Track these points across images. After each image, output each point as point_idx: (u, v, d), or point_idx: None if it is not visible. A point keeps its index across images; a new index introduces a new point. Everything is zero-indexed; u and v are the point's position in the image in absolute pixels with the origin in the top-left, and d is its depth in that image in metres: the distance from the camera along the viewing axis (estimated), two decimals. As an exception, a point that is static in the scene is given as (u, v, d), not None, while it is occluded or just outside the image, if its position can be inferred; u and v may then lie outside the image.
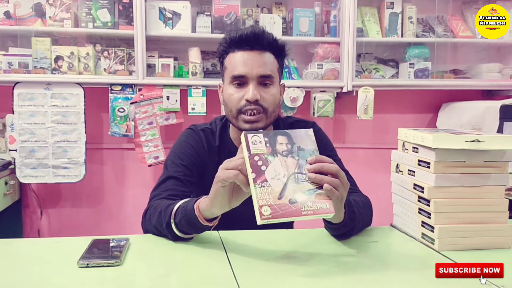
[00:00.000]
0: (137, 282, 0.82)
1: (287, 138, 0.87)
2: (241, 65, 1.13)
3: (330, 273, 0.85)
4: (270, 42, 1.14)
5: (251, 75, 1.12)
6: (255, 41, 1.13)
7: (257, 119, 1.13)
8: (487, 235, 0.98)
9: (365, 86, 2.46)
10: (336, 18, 2.52)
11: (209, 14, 2.41)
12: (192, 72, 2.39)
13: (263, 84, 1.14)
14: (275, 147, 0.86)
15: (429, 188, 0.98)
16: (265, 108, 1.13)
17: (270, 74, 1.14)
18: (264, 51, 1.14)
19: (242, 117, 1.13)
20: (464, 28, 2.61)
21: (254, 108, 1.12)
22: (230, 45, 1.15)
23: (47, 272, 0.84)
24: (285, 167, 0.85)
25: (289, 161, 0.86)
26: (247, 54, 1.13)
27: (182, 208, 0.97)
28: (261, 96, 1.12)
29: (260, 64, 1.13)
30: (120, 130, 2.39)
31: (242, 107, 1.13)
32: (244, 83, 1.14)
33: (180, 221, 0.96)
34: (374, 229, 1.13)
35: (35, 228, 2.57)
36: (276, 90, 1.16)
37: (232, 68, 1.14)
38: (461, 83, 2.59)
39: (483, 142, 0.95)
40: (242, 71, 1.12)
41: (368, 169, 2.68)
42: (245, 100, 1.12)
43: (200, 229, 0.96)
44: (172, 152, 1.23)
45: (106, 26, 2.34)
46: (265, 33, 1.14)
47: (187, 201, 0.99)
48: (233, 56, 1.15)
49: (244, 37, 1.13)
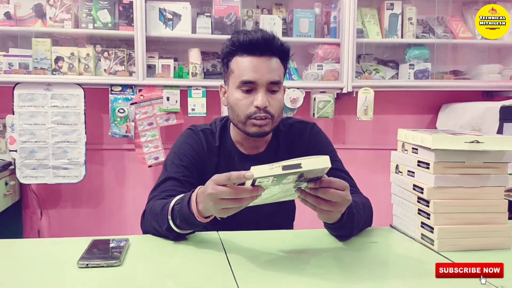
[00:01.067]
0: (137, 282, 0.82)
1: (298, 176, 0.79)
2: (251, 70, 1.12)
3: (329, 274, 0.85)
4: (278, 47, 1.14)
5: (261, 81, 1.12)
6: (265, 46, 1.12)
7: (265, 123, 1.14)
8: (487, 236, 0.98)
9: (365, 87, 2.46)
10: (336, 19, 2.52)
11: (209, 15, 2.41)
12: (192, 73, 2.39)
13: (271, 90, 1.14)
14: (281, 181, 0.80)
15: (429, 189, 0.98)
16: (272, 115, 1.14)
17: (279, 80, 1.14)
18: (272, 57, 1.14)
19: (250, 121, 1.14)
20: (464, 29, 2.62)
21: (263, 116, 1.13)
22: (238, 49, 1.14)
23: (47, 273, 0.84)
24: (282, 188, 0.84)
25: (288, 186, 0.84)
26: (257, 60, 1.12)
27: (178, 212, 0.96)
28: (269, 103, 1.13)
29: (269, 70, 1.12)
30: (120, 131, 2.39)
31: (252, 113, 1.13)
32: (253, 89, 1.13)
33: (181, 224, 0.97)
34: (373, 230, 1.13)
35: (35, 228, 2.57)
36: (281, 96, 1.17)
37: (240, 73, 1.13)
38: (461, 84, 2.59)
39: (482, 143, 0.95)
40: (252, 77, 1.12)
41: (368, 170, 2.68)
42: (255, 107, 1.12)
43: (201, 225, 0.97)
44: (172, 152, 1.23)
45: (106, 27, 2.34)
46: (275, 39, 1.13)
47: (180, 201, 0.97)
48: (241, 60, 1.13)
49: (254, 42, 1.11)
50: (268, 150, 1.25)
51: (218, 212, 0.87)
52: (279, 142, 1.26)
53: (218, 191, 0.82)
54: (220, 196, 0.82)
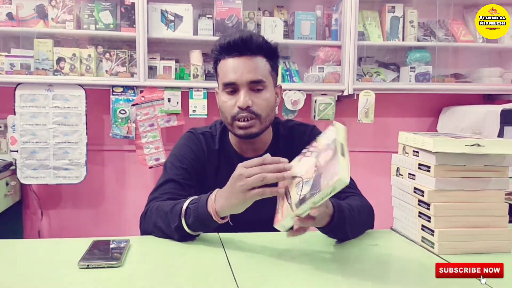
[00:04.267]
0: (138, 283, 0.82)
1: None
2: (231, 72, 1.12)
3: (330, 276, 0.85)
4: (259, 45, 1.13)
5: (241, 81, 1.11)
6: (243, 46, 1.11)
7: (250, 124, 1.13)
8: (487, 239, 0.98)
9: (366, 90, 2.46)
10: (337, 22, 2.52)
11: (210, 17, 2.42)
12: (193, 74, 2.40)
13: (255, 89, 1.13)
14: None
15: (429, 192, 0.98)
16: (258, 114, 1.13)
17: (260, 79, 1.12)
18: (254, 56, 1.12)
19: (236, 123, 1.14)
20: (465, 32, 2.62)
21: (246, 116, 1.12)
22: (221, 52, 1.15)
23: (48, 273, 0.84)
24: None
25: None
26: (237, 60, 1.12)
27: (193, 211, 0.97)
28: (253, 101, 1.12)
29: (249, 70, 1.11)
30: (121, 132, 2.40)
31: (235, 114, 1.13)
32: (236, 90, 1.13)
33: (194, 223, 0.98)
34: (374, 233, 1.13)
35: (35, 229, 2.57)
36: (269, 95, 1.15)
37: (223, 76, 1.14)
38: (462, 87, 2.59)
39: (483, 146, 0.95)
40: (232, 78, 1.12)
41: (369, 173, 2.68)
42: (237, 107, 1.12)
43: (211, 226, 0.99)
44: (172, 154, 1.23)
45: (108, 28, 2.35)
46: (253, 37, 1.12)
47: (196, 202, 0.99)
48: (224, 63, 1.14)
49: (232, 43, 1.12)
50: (268, 152, 1.25)
51: (241, 192, 0.89)
52: (279, 145, 1.25)
53: (248, 170, 0.90)
54: (251, 173, 0.89)
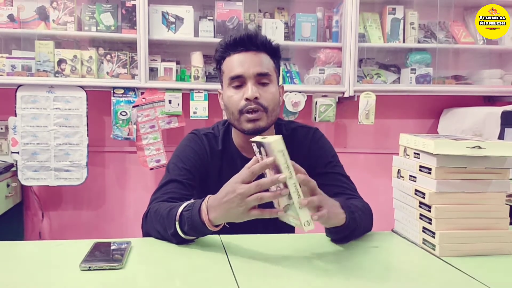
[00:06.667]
0: (139, 285, 0.82)
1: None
2: (238, 65, 1.14)
3: (330, 278, 0.85)
4: (263, 42, 1.17)
5: (248, 74, 1.13)
6: (249, 42, 1.15)
7: (258, 116, 1.13)
8: (488, 241, 0.98)
9: (367, 91, 2.47)
10: (338, 23, 2.53)
11: (211, 19, 2.42)
12: (194, 76, 2.40)
13: (261, 83, 1.15)
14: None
15: (430, 194, 0.98)
16: (265, 107, 1.14)
17: (267, 72, 1.15)
18: (259, 52, 1.16)
19: (244, 116, 1.14)
20: (466, 34, 2.62)
21: (254, 108, 1.13)
22: (226, 50, 1.17)
23: (49, 275, 0.84)
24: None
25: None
26: (243, 55, 1.15)
27: (187, 219, 0.96)
28: (260, 94, 1.13)
29: (256, 63, 1.14)
30: (122, 133, 2.40)
31: (243, 107, 1.13)
32: (242, 84, 1.15)
33: (189, 231, 0.97)
34: (375, 234, 1.13)
35: (36, 230, 2.57)
36: (275, 89, 1.17)
37: (229, 71, 1.16)
38: (463, 89, 2.59)
39: (484, 148, 0.95)
40: (239, 71, 1.14)
41: (369, 174, 2.68)
42: (245, 100, 1.13)
43: (207, 234, 0.99)
44: (175, 155, 1.23)
45: (109, 29, 2.35)
46: (258, 34, 1.17)
47: (190, 208, 0.97)
48: (230, 59, 1.17)
49: (238, 40, 1.15)
50: None
51: (240, 213, 0.88)
52: None
53: (246, 189, 0.85)
54: (249, 192, 0.85)
